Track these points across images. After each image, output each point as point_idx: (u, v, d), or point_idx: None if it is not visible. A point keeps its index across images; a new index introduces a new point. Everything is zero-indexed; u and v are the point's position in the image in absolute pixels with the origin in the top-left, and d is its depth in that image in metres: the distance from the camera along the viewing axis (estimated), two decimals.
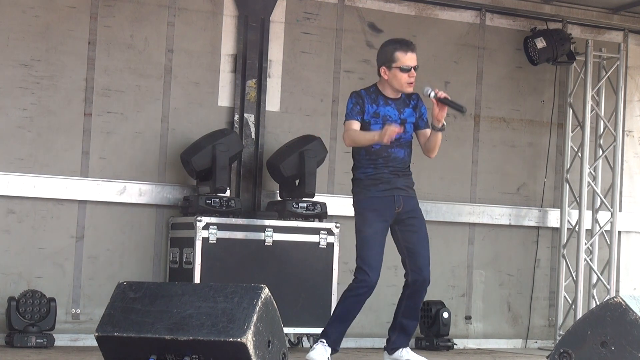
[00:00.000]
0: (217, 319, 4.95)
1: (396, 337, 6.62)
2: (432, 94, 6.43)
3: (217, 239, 7.48)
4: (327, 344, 6.44)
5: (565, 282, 9.01)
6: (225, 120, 8.07)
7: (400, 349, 6.61)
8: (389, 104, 6.53)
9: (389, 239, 6.63)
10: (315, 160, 7.86)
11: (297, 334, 7.74)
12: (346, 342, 8.16)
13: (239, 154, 7.88)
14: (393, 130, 6.24)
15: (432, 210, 8.67)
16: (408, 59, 6.46)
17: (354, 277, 6.46)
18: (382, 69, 6.52)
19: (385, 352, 6.68)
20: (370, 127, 6.47)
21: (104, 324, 5.14)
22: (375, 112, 6.50)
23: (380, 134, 6.28)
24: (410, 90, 6.52)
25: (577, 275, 8.88)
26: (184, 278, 7.44)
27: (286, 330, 5.79)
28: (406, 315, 6.61)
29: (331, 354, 6.47)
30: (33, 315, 7.21)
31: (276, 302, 5.12)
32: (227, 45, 8.11)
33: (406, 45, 6.51)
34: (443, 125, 6.49)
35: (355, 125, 6.47)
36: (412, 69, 6.46)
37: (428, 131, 6.62)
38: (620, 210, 9.18)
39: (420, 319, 8.39)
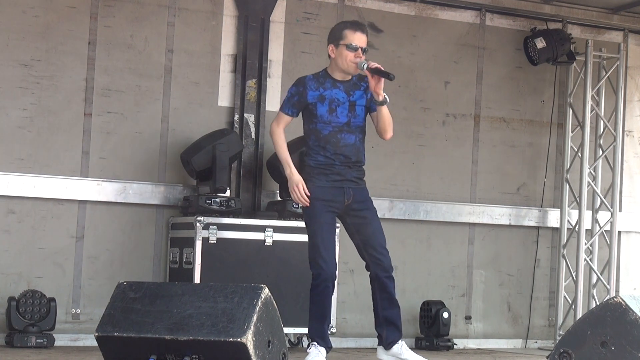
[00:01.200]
0: (217, 319, 4.95)
1: (387, 332, 6.49)
2: (365, 66, 6.28)
3: (217, 239, 7.49)
4: (319, 345, 6.40)
5: (565, 282, 9.01)
6: (225, 120, 8.07)
7: (397, 343, 6.48)
8: (337, 87, 6.41)
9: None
10: None
11: (297, 334, 7.74)
12: (346, 342, 8.18)
13: (239, 154, 7.89)
14: (298, 195, 6.30)
15: (432, 210, 8.68)
16: (356, 38, 6.35)
17: (311, 274, 6.35)
18: (330, 47, 6.42)
19: (381, 347, 6.53)
20: (317, 110, 6.37)
21: (104, 324, 5.14)
22: (321, 95, 6.38)
23: (289, 180, 6.37)
24: (354, 71, 6.38)
25: (577, 275, 8.88)
26: (184, 278, 7.44)
27: (286, 330, 5.79)
28: (385, 307, 6.47)
29: (327, 353, 6.45)
30: (33, 315, 7.21)
31: (276, 302, 5.12)
32: (227, 45, 8.11)
33: (356, 25, 6.42)
34: (385, 98, 6.31)
35: (284, 119, 6.44)
36: (360, 49, 6.34)
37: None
38: (620, 210, 9.18)
39: (420, 319, 8.41)
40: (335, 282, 7.62)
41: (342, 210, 6.43)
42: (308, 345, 6.49)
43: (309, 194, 6.34)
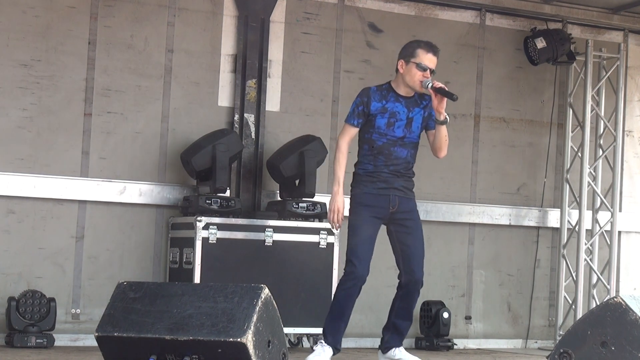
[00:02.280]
0: (217, 319, 4.95)
1: (390, 337, 6.63)
2: (430, 85, 6.43)
3: (217, 239, 7.48)
4: (326, 344, 6.43)
5: (565, 282, 9.01)
6: (225, 120, 8.07)
7: (394, 349, 6.62)
8: (399, 101, 6.53)
9: (386, 239, 6.63)
10: (315, 160, 7.86)
11: (297, 334, 7.74)
12: (346, 342, 8.16)
13: (239, 154, 7.88)
14: (335, 217, 6.44)
15: (432, 210, 8.68)
16: (428, 58, 6.51)
17: (344, 271, 6.48)
18: (400, 62, 6.54)
19: (380, 351, 6.69)
20: (376, 121, 6.47)
21: (104, 324, 5.14)
22: (384, 107, 6.50)
23: (330, 200, 6.49)
24: (419, 89, 6.51)
25: (577, 275, 8.88)
26: (184, 278, 7.44)
27: (286, 330, 5.79)
28: (399, 316, 6.62)
29: (333, 354, 6.46)
30: (33, 315, 7.21)
31: (276, 302, 5.12)
32: (227, 45, 8.11)
33: (430, 47, 6.57)
34: (445, 118, 6.48)
35: (351, 130, 6.55)
36: (429, 70, 6.49)
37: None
38: (620, 210, 9.18)
39: (420, 319, 8.40)
40: (336, 282, 7.68)
41: (387, 217, 6.53)
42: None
43: (340, 222, 6.50)
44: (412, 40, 6.70)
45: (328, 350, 6.41)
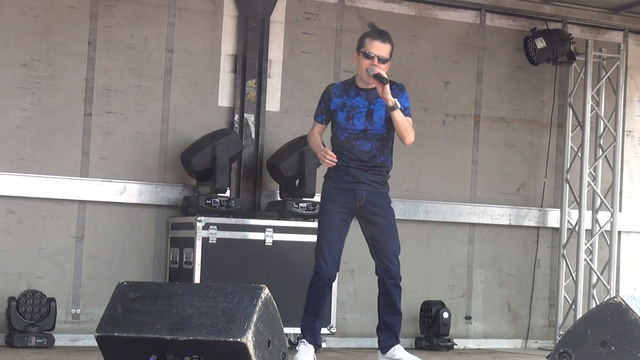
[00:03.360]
0: (217, 319, 4.95)
1: (385, 336, 6.62)
2: (369, 71, 6.37)
3: (217, 239, 7.48)
4: (308, 343, 6.47)
5: (565, 282, 9.01)
6: (225, 120, 8.07)
7: (393, 347, 6.60)
8: (360, 94, 6.49)
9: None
10: (315, 160, 7.85)
11: (297, 334, 7.73)
12: (346, 342, 8.18)
13: (239, 154, 7.88)
14: (323, 155, 6.41)
15: (432, 210, 8.68)
16: (374, 46, 6.40)
17: (313, 270, 6.47)
18: (355, 55, 6.53)
19: (379, 352, 6.69)
20: (337, 116, 6.48)
21: (104, 324, 5.14)
22: (343, 103, 6.49)
23: (319, 152, 6.52)
24: (367, 78, 6.42)
25: (577, 275, 8.88)
26: (184, 278, 7.44)
27: (286, 330, 5.78)
28: (387, 312, 6.60)
29: (316, 351, 6.50)
30: (33, 315, 7.21)
31: (276, 302, 5.12)
32: (227, 45, 8.11)
33: (378, 34, 6.46)
34: (394, 104, 6.38)
35: (316, 127, 6.62)
36: (376, 57, 6.39)
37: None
38: (620, 210, 9.18)
39: (420, 319, 8.41)
40: (335, 283, 7.68)
41: (355, 212, 6.51)
42: (297, 343, 6.55)
43: (332, 155, 6.42)
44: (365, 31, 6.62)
45: (311, 348, 6.47)
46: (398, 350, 6.59)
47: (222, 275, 7.39)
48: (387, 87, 6.35)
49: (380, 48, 6.42)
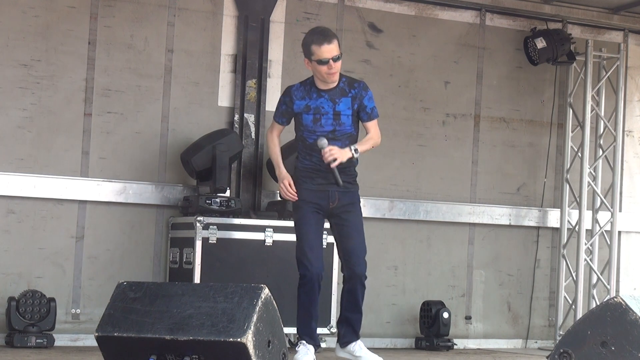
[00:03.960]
0: (217, 319, 4.95)
1: (345, 331, 6.65)
2: (322, 145, 6.35)
3: (217, 239, 7.48)
4: (307, 343, 6.47)
5: (565, 282, 9.01)
6: (225, 120, 8.07)
7: (352, 344, 6.62)
8: (322, 96, 6.46)
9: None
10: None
11: (297, 334, 7.73)
12: None
13: (239, 154, 7.88)
14: (285, 191, 6.42)
15: (432, 210, 8.68)
16: (324, 51, 6.32)
17: (299, 274, 6.48)
18: (306, 61, 6.46)
19: (337, 344, 6.70)
20: (302, 119, 6.45)
21: (104, 324, 5.14)
22: (307, 105, 6.46)
23: (278, 176, 6.51)
24: (333, 80, 6.40)
25: (577, 275, 8.88)
26: (184, 278, 7.44)
27: (286, 330, 5.78)
28: (349, 309, 6.62)
29: (316, 351, 6.53)
30: (33, 315, 7.20)
31: (276, 302, 5.12)
32: (227, 45, 8.11)
33: (322, 37, 6.36)
34: (353, 154, 6.40)
35: (276, 128, 6.61)
36: (331, 60, 6.34)
37: (371, 124, 6.52)
38: (620, 210, 9.18)
39: (420, 319, 8.40)
40: (335, 283, 7.67)
41: (328, 212, 6.54)
42: (296, 344, 6.56)
43: (294, 190, 6.44)
44: (306, 34, 6.49)
45: (311, 349, 6.50)
46: (359, 347, 6.62)
47: (222, 275, 7.38)
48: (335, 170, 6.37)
49: (330, 50, 6.33)
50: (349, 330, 6.64)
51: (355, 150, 6.40)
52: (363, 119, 6.51)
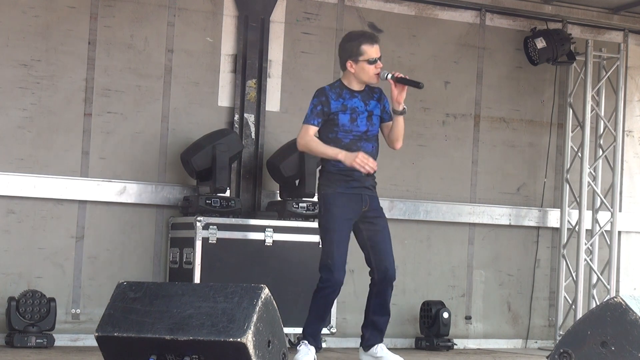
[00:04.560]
0: (217, 319, 4.95)
1: (370, 335, 6.65)
2: (389, 76, 6.46)
3: (217, 239, 7.48)
4: (309, 344, 6.48)
5: (565, 282, 9.01)
6: (225, 120, 8.07)
7: (375, 346, 6.64)
8: (355, 96, 6.53)
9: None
10: (315, 160, 7.84)
11: (297, 334, 7.73)
12: (346, 342, 8.18)
13: (239, 154, 7.88)
14: (365, 162, 6.30)
15: (432, 210, 8.68)
16: (374, 51, 6.50)
17: (320, 277, 6.44)
18: (349, 63, 6.50)
19: (361, 348, 6.71)
20: (339, 119, 6.47)
21: (104, 324, 5.14)
22: (344, 105, 6.50)
23: (347, 156, 6.34)
24: (376, 81, 6.54)
25: (577, 275, 8.88)
26: (184, 278, 7.44)
27: (286, 330, 5.78)
28: (377, 312, 6.63)
29: (317, 352, 6.53)
30: (33, 315, 7.20)
31: (276, 302, 5.12)
32: (227, 45, 8.11)
33: (371, 38, 6.56)
34: (404, 108, 6.51)
35: (312, 130, 6.47)
36: (378, 60, 6.51)
37: (391, 123, 6.63)
38: (620, 210, 9.18)
39: (420, 319, 8.40)
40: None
41: (359, 216, 6.53)
42: (298, 343, 6.57)
43: (372, 164, 6.40)
44: (350, 37, 6.59)
45: (312, 350, 6.50)
46: (381, 348, 6.64)
47: (222, 275, 7.38)
48: (405, 91, 6.46)
49: (378, 50, 6.54)
50: (374, 333, 6.65)
51: (405, 109, 6.52)
52: (385, 119, 6.62)
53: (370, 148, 6.52)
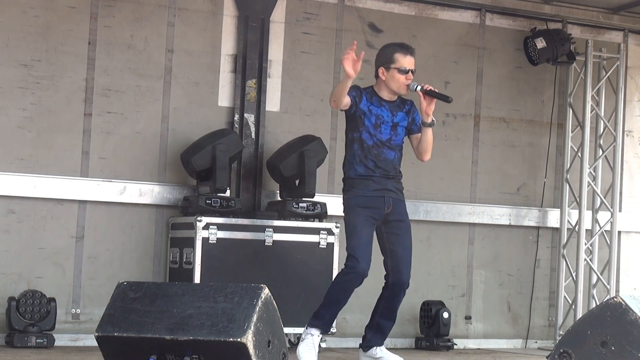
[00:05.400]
0: (217, 319, 4.95)
1: (372, 336, 6.68)
2: (418, 87, 6.50)
3: (217, 239, 7.48)
4: (315, 332, 6.49)
5: (565, 282, 9.01)
6: (225, 120, 8.07)
7: (375, 347, 6.67)
8: (383, 105, 6.60)
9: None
10: (315, 160, 7.86)
11: (297, 334, 7.73)
12: (346, 342, 8.18)
13: (239, 154, 7.88)
14: (347, 58, 6.22)
15: (432, 210, 8.68)
16: (407, 61, 6.57)
17: (344, 265, 6.48)
18: (381, 70, 6.60)
19: (360, 349, 6.73)
20: (365, 120, 6.52)
21: (104, 324, 5.14)
22: (369, 109, 6.55)
23: (344, 71, 6.25)
24: (405, 92, 6.60)
25: (577, 275, 8.88)
26: (184, 278, 7.44)
27: (286, 330, 5.78)
28: (384, 315, 6.67)
29: (323, 335, 6.59)
30: (33, 315, 7.21)
31: (276, 302, 5.12)
32: (227, 45, 8.11)
33: (406, 49, 6.64)
34: (433, 120, 6.57)
35: (346, 97, 6.42)
36: (410, 71, 6.56)
37: (420, 135, 6.69)
38: (620, 210, 9.18)
39: (420, 319, 8.41)
40: (329, 283, 7.66)
41: (382, 218, 6.58)
42: (297, 343, 6.58)
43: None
44: (387, 45, 6.73)
45: (316, 343, 6.52)
46: (380, 350, 6.67)
47: (222, 275, 7.38)
48: (434, 103, 6.52)
49: (412, 62, 6.60)
50: (377, 335, 6.68)
51: (434, 121, 6.57)
52: (414, 131, 6.68)
53: (392, 156, 6.60)
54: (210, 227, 7.47)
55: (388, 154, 6.58)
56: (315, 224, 7.79)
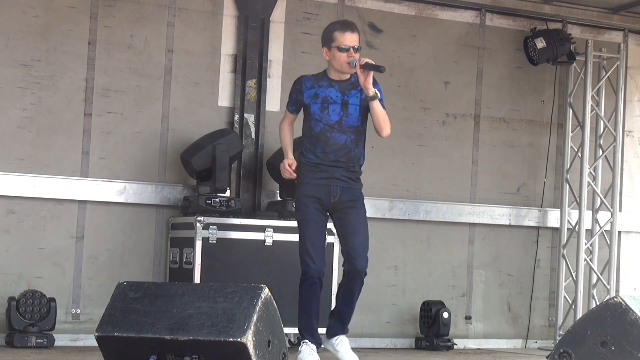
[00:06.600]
0: (217, 319, 4.95)
1: (333, 324, 6.68)
2: (355, 63, 6.39)
3: (217, 239, 7.48)
4: (309, 342, 6.50)
5: (565, 282, 9.01)
6: (225, 120, 8.07)
7: (337, 336, 6.65)
8: (333, 86, 6.52)
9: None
10: None
11: (297, 334, 7.73)
12: None
13: (239, 154, 7.89)
14: (283, 169, 6.50)
15: (432, 210, 8.68)
16: (346, 38, 6.45)
17: (301, 270, 6.48)
18: (324, 50, 6.57)
19: (325, 334, 6.72)
20: (310, 108, 6.50)
21: (104, 324, 5.14)
22: (315, 93, 6.51)
23: (284, 161, 6.55)
24: (349, 70, 6.47)
25: (577, 275, 8.88)
26: (184, 278, 7.44)
27: (286, 330, 5.78)
28: (342, 302, 6.64)
29: (317, 349, 6.55)
30: (33, 315, 7.21)
31: (276, 302, 5.12)
32: (227, 45, 8.11)
33: (346, 26, 6.53)
34: (375, 93, 6.40)
35: (288, 115, 6.64)
36: (351, 48, 6.44)
37: None
38: (620, 210, 9.18)
39: (420, 319, 8.40)
40: (335, 282, 7.67)
41: (330, 207, 6.53)
42: (298, 343, 6.57)
43: (292, 169, 6.52)
44: (328, 25, 6.65)
45: (314, 348, 6.52)
46: (341, 342, 6.64)
47: (222, 275, 7.38)
48: (371, 76, 6.36)
49: (352, 38, 6.45)
50: (337, 323, 6.67)
51: (376, 94, 6.40)
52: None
53: (343, 140, 6.46)
54: (210, 227, 7.47)
55: (338, 138, 6.44)
56: None
